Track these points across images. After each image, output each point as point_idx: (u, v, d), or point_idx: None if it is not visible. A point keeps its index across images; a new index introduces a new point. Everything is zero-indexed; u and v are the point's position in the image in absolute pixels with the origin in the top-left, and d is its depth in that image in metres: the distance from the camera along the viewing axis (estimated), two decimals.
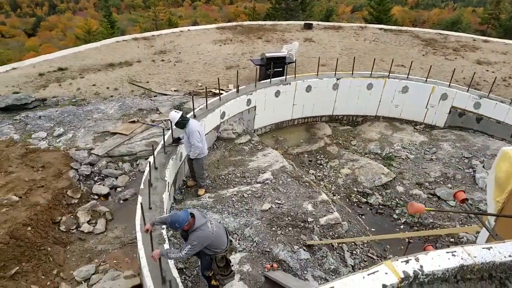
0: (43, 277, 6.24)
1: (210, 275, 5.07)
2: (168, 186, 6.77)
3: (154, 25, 35.57)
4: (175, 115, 7.01)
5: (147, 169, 6.71)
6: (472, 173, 8.95)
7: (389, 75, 11.21)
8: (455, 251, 2.36)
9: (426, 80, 11.10)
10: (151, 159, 6.94)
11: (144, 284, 5.01)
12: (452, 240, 7.43)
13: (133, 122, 9.80)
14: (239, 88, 9.91)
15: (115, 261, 6.56)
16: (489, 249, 2.36)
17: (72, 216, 7.44)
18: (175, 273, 4.89)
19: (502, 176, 3.10)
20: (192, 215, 4.72)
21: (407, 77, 11.20)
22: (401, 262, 2.24)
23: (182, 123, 7.01)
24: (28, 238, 6.55)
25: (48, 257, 6.54)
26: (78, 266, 6.46)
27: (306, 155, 9.99)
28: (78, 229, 7.25)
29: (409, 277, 2.16)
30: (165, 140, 7.51)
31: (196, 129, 7.09)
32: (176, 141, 7.56)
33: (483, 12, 47.13)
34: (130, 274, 6.17)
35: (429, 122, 11.31)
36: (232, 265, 5.32)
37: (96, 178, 8.41)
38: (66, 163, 8.51)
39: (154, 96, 11.50)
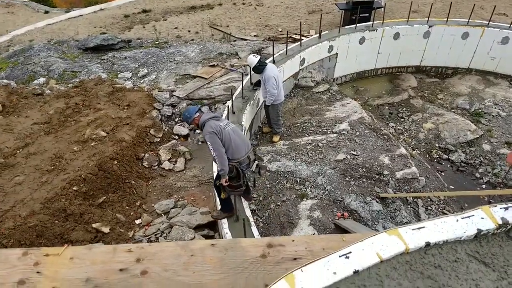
0: (127, 207, 6.75)
1: (218, 184, 5.00)
2: (245, 131, 6.95)
3: None
4: (253, 59, 7.04)
5: (225, 113, 6.89)
6: None
7: (488, 23, 10.10)
8: None
9: None
10: (229, 103, 7.12)
11: (219, 220, 5.28)
12: None
13: (213, 66, 10.11)
14: (321, 33, 9.66)
15: (192, 198, 7.01)
16: None
17: (154, 154, 7.93)
18: (248, 212, 5.10)
19: None
20: (201, 110, 4.95)
21: (510, 27, 10.02)
22: (500, 208, 2.15)
23: (259, 68, 7.05)
24: (115, 171, 7.08)
25: (132, 189, 7.06)
26: (159, 199, 6.93)
27: (387, 107, 9.69)
28: (160, 166, 7.71)
29: (507, 224, 2.07)
30: (243, 85, 7.65)
31: (272, 75, 7.08)
32: (257, 84, 7.73)
33: None
34: (206, 211, 6.52)
35: None
36: (245, 184, 5.14)
37: (177, 119, 8.84)
38: (150, 103, 8.99)
39: (234, 40, 11.67)
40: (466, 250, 1.89)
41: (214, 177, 5.28)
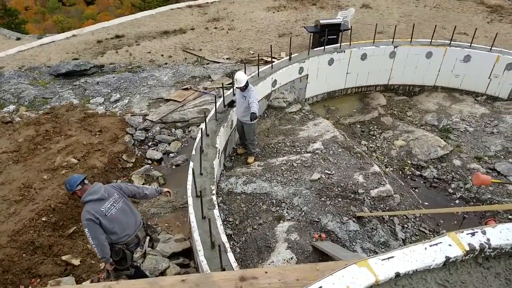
0: None
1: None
2: (219, 153, 6.94)
3: None
4: (244, 76, 7.08)
5: (199, 135, 6.87)
6: None
7: (450, 43, 10.57)
8: None
9: (490, 49, 10.35)
10: (203, 126, 7.10)
11: (194, 248, 5.07)
12: (510, 217, 7.15)
13: (186, 89, 10.11)
14: (292, 56, 9.83)
15: (166, 225, 6.82)
16: None
17: (126, 180, 7.75)
18: (224, 238, 4.94)
19: None
20: (83, 182, 4.40)
21: (470, 46, 10.51)
22: (467, 234, 2.14)
23: (245, 85, 7.10)
24: None
25: None
26: None
27: (358, 126, 9.85)
28: None
29: (474, 250, 2.06)
30: (217, 107, 7.65)
31: (255, 91, 7.31)
32: (230, 104, 7.74)
33: None
34: (180, 238, 6.34)
35: (492, 94, 10.63)
36: (137, 263, 4.82)
37: (150, 144, 8.77)
38: (122, 128, 8.91)
39: (207, 64, 11.73)
40: (435, 279, 1.86)
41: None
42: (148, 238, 4.80)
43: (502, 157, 8.35)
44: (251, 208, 6.57)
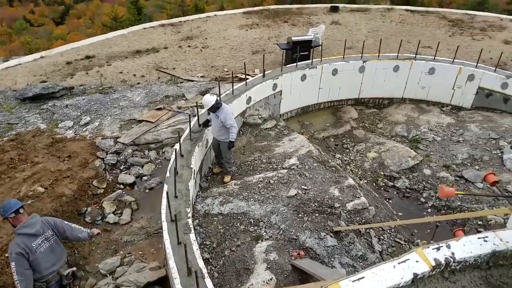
0: None
1: None
2: (194, 174, 6.85)
3: (181, 11, 35.69)
4: (211, 98, 7.08)
5: (173, 156, 6.73)
6: (499, 154, 8.84)
7: (415, 56, 11.05)
8: (486, 237, 2.32)
9: (453, 61, 10.89)
10: (177, 146, 6.99)
11: (170, 276, 4.88)
12: (480, 223, 7.43)
13: (159, 109, 10.02)
14: (265, 72, 10.00)
15: (140, 252, 6.56)
16: None
17: (97, 207, 7.46)
18: (201, 263, 4.83)
19: None
20: (18, 212, 4.24)
21: (434, 59, 11.02)
22: (432, 249, 2.21)
23: (216, 106, 7.12)
24: None
25: (73, 249, 6.51)
26: (103, 258, 6.42)
27: (332, 139, 10.06)
28: (104, 220, 7.24)
29: (440, 265, 2.13)
30: (191, 126, 7.58)
31: (230, 110, 7.29)
32: (205, 124, 7.74)
33: None
34: (155, 266, 6.13)
35: (456, 104, 11.14)
36: None
37: (122, 167, 8.46)
38: (92, 152, 8.58)
39: (181, 82, 11.74)
40: None
41: None
42: (68, 272, 4.74)
43: (468, 164, 8.71)
44: (228, 229, 6.54)
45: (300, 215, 6.77)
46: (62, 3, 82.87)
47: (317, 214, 6.83)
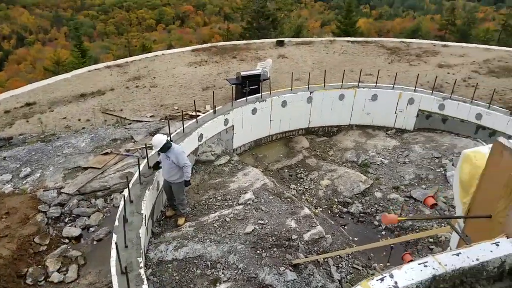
0: None
1: None
2: (145, 220, 6.57)
3: (127, 52, 35.54)
4: (161, 138, 6.93)
5: (122, 203, 6.41)
6: (443, 172, 9.33)
7: (358, 85, 11.62)
8: (426, 262, 2.36)
9: (393, 87, 11.57)
10: (126, 192, 6.73)
11: None
12: (431, 240, 7.69)
13: (106, 154, 9.64)
14: (216, 108, 10.05)
15: None
16: (458, 255, 2.43)
17: (40, 266, 6.90)
18: None
19: (465, 178, 3.31)
20: None
21: (376, 86, 11.64)
22: (377, 281, 2.24)
23: (166, 147, 6.97)
24: None
25: None
26: None
27: (286, 170, 10.17)
28: (47, 280, 6.71)
29: None
30: (140, 170, 7.35)
31: (181, 149, 7.18)
32: (156, 166, 7.55)
33: (440, 19, 49.52)
34: None
35: (400, 127, 11.75)
36: None
37: (66, 220, 7.91)
38: (34, 206, 8.00)
39: (129, 124, 11.48)
40: None
41: None
42: None
43: (416, 184, 9.09)
44: (184, 276, 6.28)
45: (258, 251, 6.67)
46: (0, 49, 79.82)
47: (275, 249, 6.77)
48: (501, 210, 2.53)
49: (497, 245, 2.21)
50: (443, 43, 21.18)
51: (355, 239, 7.89)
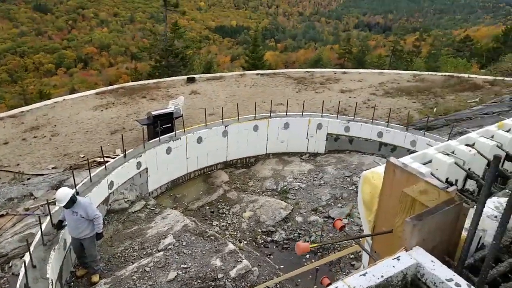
0: None
1: None
2: (52, 285, 5.87)
3: (22, 100, 32.70)
4: (66, 192, 6.29)
5: (22, 270, 5.69)
6: (355, 189, 9.86)
7: (270, 115, 12.00)
8: (337, 287, 2.45)
9: (302, 114, 12.16)
10: (26, 257, 5.99)
11: None
12: (352, 256, 7.94)
13: (2, 216, 8.54)
14: (127, 152, 9.52)
15: None
16: (364, 275, 2.48)
17: None
18: None
19: (367, 198, 3.45)
20: None
21: (286, 114, 12.13)
22: None
23: (72, 201, 6.33)
24: None
25: None
26: None
27: (207, 207, 9.90)
28: None
29: None
30: (43, 229, 6.55)
31: (88, 201, 6.68)
32: (59, 225, 6.78)
33: (338, 49, 54.56)
34: None
35: (312, 151, 12.30)
36: None
37: None
38: None
39: (27, 179, 10.32)
40: None
41: None
42: None
43: (332, 204, 9.45)
44: None
45: None
46: None
47: None
48: (399, 225, 2.62)
49: (398, 259, 2.26)
50: (343, 70, 23.14)
51: (281, 266, 7.84)
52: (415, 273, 2.22)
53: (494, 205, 2.87)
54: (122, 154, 9.51)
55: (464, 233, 2.38)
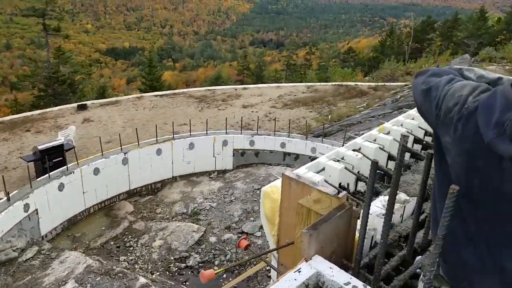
0: None
1: None
2: None
3: None
4: None
5: None
6: None
7: (173, 136, 11.68)
8: None
9: (207, 133, 12.09)
10: None
11: None
12: (268, 268, 8.01)
13: None
14: (10, 195, 8.39)
15: None
16: None
17: None
18: None
19: (268, 213, 3.48)
20: None
21: (190, 134, 11.95)
22: None
23: None
24: None
25: None
26: None
27: (112, 242, 9.15)
28: None
29: None
30: None
31: None
32: None
33: (237, 65, 56.25)
34: None
35: (220, 168, 12.28)
36: None
37: None
38: None
39: None
40: None
41: None
42: None
43: (244, 218, 9.49)
44: None
45: None
46: None
47: None
48: (299, 236, 2.65)
49: (299, 271, 2.26)
50: (243, 86, 23.82)
51: None
52: (316, 282, 2.25)
53: (381, 203, 3.10)
54: (5, 198, 8.36)
55: (358, 235, 2.51)
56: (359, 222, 2.63)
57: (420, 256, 2.66)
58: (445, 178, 1.59)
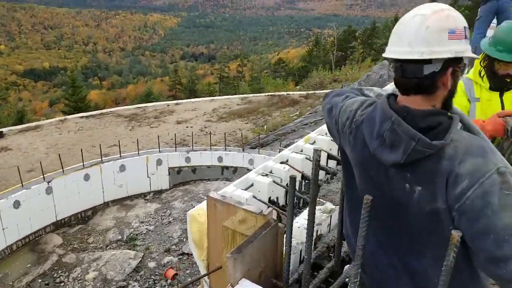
0: None
1: None
2: None
3: None
4: None
5: None
6: None
7: (102, 159, 11.06)
8: None
9: (138, 153, 11.63)
10: None
11: None
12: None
13: None
14: None
15: None
16: None
17: None
18: None
19: (196, 237, 3.38)
20: None
21: (120, 156, 11.39)
22: None
23: None
24: None
25: None
26: None
27: (39, 280, 8.35)
28: None
29: None
30: None
31: None
32: None
33: (169, 80, 55.43)
34: None
35: (156, 188, 11.87)
36: None
37: None
38: None
39: None
40: None
41: None
42: None
43: (184, 239, 9.20)
44: None
45: None
46: None
47: None
48: (225, 261, 2.58)
49: None
50: (176, 101, 23.40)
51: None
52: None
53: None
54: None
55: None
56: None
57: (349, 265, 2.73)
58: (350, 191, 1.65)
